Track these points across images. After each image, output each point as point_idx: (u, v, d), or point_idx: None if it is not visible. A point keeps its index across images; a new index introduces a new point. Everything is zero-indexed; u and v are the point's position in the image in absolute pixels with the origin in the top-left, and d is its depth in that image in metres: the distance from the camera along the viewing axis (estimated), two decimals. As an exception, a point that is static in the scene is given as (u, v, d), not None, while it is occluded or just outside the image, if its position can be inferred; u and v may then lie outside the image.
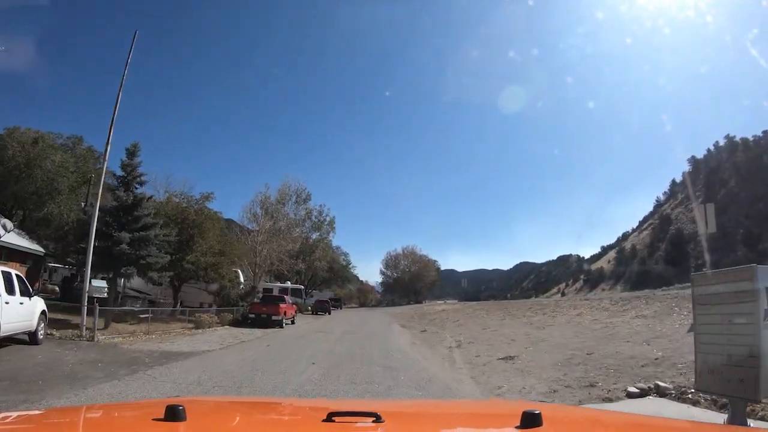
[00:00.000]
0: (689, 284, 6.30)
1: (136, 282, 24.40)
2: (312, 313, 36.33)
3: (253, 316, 19.57)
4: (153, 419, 1.19)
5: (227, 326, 18.79)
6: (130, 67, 13.77)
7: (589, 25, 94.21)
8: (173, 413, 1.17)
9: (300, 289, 39.16)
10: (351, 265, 62.78)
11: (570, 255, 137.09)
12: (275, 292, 37.48)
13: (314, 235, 43.65)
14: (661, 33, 77.58)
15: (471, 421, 1.70)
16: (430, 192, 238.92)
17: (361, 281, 79.74)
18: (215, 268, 19.72)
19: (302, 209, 41.97)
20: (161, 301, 24.30)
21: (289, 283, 39.47)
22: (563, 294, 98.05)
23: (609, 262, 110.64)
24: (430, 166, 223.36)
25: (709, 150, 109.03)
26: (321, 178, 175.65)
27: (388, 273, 72.64)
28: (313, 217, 42.78)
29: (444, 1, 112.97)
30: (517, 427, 1.17)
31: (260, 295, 23.92)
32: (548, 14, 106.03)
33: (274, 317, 19.39)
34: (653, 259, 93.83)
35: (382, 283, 74.96)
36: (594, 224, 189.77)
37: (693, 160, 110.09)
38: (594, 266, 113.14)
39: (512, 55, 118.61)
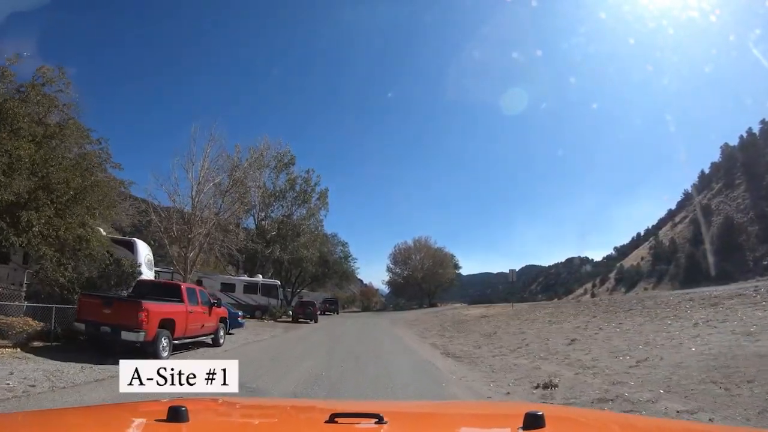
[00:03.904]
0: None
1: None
2: (292, 321, 25.15)
3: (82, 326, 8.07)
4: (156, 420, 1.17)
5: (24, 352, 7.38)
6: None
7: (592, 25, 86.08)
8: (176, 414, 1.15)
9: (274, 285, 27.43)
10: (350, 258, 46.48)
11: (576, 257, 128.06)
12: (238, 288, 25.93)
13: (298, 213, 31.43)
14: (665, 33, 68.74)
15: (474, 422, 1.67)
16: (431, 195, 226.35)
17: (365, 284, 68.23)
18: (11, 211, 8.18)
19: (283, 176, 30.38)
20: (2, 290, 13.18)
21: (260, 277, 27.98)
22: (593, 295, 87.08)
23: (642, 259, 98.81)
24: (430, 169, 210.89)
25: (741, 137, 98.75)
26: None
27: (397, 270, 59.65)
28: (297, 187, 30.65)
29: (446, 2, 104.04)
30: (520, 428, 1.14)
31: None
32: (551, 14, 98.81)
33: (125, 335, 7.75)
34: (700, 253, 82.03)
35: (389, 283, 61.74)
36: (598, 225, 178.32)
37: (725, 147, 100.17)
38: (626, 264, 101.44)
39: (515, 56, 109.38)
